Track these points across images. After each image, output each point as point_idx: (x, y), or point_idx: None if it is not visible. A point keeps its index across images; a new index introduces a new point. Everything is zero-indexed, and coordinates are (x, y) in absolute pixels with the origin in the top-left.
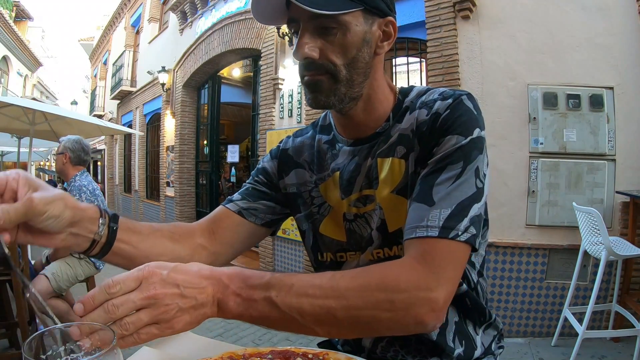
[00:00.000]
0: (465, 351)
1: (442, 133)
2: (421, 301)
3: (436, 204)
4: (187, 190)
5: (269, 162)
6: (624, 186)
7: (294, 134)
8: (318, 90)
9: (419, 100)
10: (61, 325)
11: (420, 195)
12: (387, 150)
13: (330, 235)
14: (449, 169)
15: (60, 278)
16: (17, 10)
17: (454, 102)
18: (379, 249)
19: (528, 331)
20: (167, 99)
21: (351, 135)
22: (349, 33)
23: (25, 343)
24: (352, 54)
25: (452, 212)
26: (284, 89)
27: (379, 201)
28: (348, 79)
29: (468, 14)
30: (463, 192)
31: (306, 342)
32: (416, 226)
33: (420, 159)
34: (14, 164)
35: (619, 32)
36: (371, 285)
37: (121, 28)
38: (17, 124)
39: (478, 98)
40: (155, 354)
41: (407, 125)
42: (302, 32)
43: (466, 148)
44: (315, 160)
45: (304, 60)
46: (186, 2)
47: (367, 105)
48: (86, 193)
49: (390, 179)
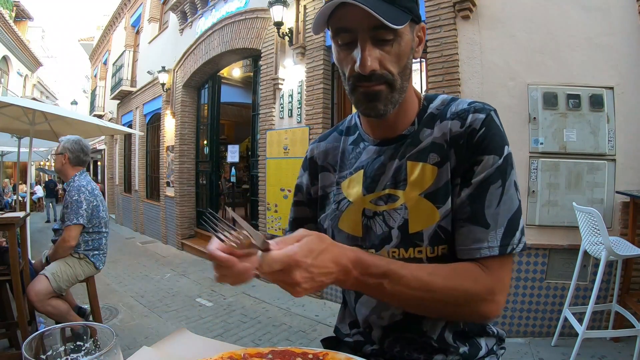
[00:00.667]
0: (470, 350)
1: (480, 151)
2: (489, 303)
3: (491, 225)
4: (187, 190)
5: (302, 176)
6: (624, 186)
7: (319, 139)
8: (377, 100)
9: (448, 109)
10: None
11: (474, 218)
12: (418, 155)
13: (347, 230)
14: (492, 189)
15: (60, 278)
16: (17, 10)
17: (487, 118)
18: (395, 248)
19: (528, 331)
20: (167, 99)
21: (378, 135)
22: (402, 42)
23: (25, 343)
24: (404, 62)
25: (506, 230)
26: (284, 89)
27: (406, 201)
28: (401, 86)
29: (468, 14)
30: (509, 209)
31: (306, 342)
32: (479, 247)
33: (458, 171)
34: (14, 164)
35: (619, 32)
36: (457, 288)
37: (121, 28)
38: (17, 124)
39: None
40: (155, 354)
41: (439, 134)
42: (363, 43)
43: (502, 167)
44: (339, 160)
45: (368, 73)
46: (186, 2)
47: (400, 109)
48: (85, 193)
49: (420, 182)
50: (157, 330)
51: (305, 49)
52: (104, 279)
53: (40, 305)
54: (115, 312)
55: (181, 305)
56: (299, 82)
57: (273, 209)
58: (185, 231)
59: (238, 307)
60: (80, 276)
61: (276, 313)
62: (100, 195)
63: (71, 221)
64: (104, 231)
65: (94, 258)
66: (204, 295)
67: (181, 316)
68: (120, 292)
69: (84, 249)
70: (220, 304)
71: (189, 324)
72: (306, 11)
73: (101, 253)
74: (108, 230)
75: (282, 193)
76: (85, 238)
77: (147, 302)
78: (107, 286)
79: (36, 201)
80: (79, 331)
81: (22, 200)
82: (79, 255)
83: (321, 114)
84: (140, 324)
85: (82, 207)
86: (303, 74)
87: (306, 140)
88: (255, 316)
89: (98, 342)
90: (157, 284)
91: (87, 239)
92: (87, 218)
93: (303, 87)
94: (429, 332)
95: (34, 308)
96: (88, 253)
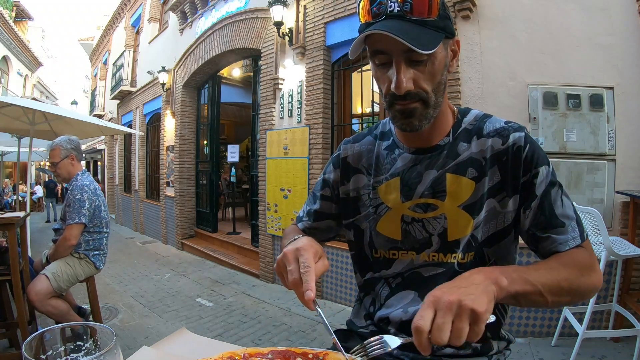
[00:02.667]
0: (482, 347)
1: (534, 165)
2: (597, 281)
3: (566, 223)
4: (187, 190)
5: (332, 172)
6: (624, 186)
7: (353, 140)
8: (412, 116)
9: (484, 126)
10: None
11: (552, 223)
12: (457, 168)
13: (386, 233)
14: (554, 194)
15: (60, 278)
16: (17, 10)
17: (527, 136)
18: (435, 252)
19: (528, 331)
20: (167, 99)
21: (412, 144)
22: (436, 61)
23: (25, 343)
24: (437, 79)
25: (577, 221)
26: (284, 89)
27: (445, 211)
28: (435, 102)
29: (468, 14)
30: (570, 204)
31: (306, 342)
32: (566, 242)
33: (505, 186)
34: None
35: (619, 32)
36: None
37: (121, 28)
38: (17, 124)
39: (478, 98)
40: (155, 354)
41: (477, 150)
42: (398, 66)
43: (553, 174)
44: (374, 164)
45: (403, 93)
46: (186, 2)
47: (434, 121)
48: (88, 192)
49: (459, 195)
50: (157, 330)
51: (305, 49)
52: (104, 279)
53: (40, 305)
54: (115, 312)
55: (181, 305)
56: (299, 82)
57: (273, 209)
58: (185, 231)
59: (238, 307)
60: (80, 276)
61: (276, 313)
62: (102, 195)
63: (73, 220)
64: (105, 231)
65: (94, 258)
66: (204, 295)
67: (181, 316)
68: (120, 292)
69: (85, 248)
70: (220, 304)
71: (189, 324)
72: (306, 11)
73: (101, 253)
74: (109, 230)
75: (282, 193)
76: (86, 238)
77: (147, 302)
78: (107, 286)
79: (36, 201)
80: (79, 331)
81: (22, 200)
82: (79, 255)
83: (321, 114)
84: (140, 324)
85: (84, 207)
86: (303, 74)
87: (306, 140)
88: (255, 316)
89: (98, 342)
90: (157, 284)
91: (87, 238)
92: (88, 217)
93: (303, 87)
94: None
95: (34, 308)
96: (88, 253)
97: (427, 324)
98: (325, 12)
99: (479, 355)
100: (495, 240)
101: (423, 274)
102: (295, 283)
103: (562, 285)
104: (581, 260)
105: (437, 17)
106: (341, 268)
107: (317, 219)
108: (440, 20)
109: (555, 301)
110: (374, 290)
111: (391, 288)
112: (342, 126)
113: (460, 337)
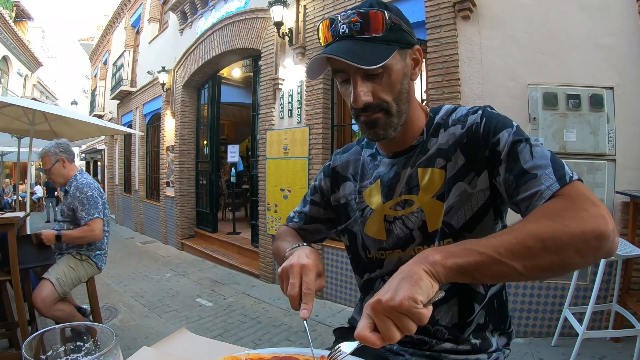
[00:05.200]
0: (481, 343)
1: (492, 135)
2: (591, 221)
3: (537, 174)
4: (187, 190)
5: (322, 180)
6: (624, 186)
7: (341, 151)
8: (376, 126)
9: (450, 117)
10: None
11: (521, 179)
12: (427, 162)
13: (372, 235)
14: (520, 150)
15: (64, 282)
16: (17, 10)
17: (484, 112)
18: (420, 246)
19: (528, 331)
20: (167, 99)
21: (390, 149)
22: (392, 73)
23: (25, 343)
24: (397, 89)
25: (554, 169)
26: (284, 89)
27: (421, 205)
28: (398, 110)
29: (468, 14)
30: (544, 155)
31: (306, 342)
32: (540, 192)
33: (473, 166)
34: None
35: (619, 32)
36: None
37: (121, 28)
38: (17, 124)
39: (478, 98)
40: (155, 354)
41: (444, 140)
42: (354, 82)
43: (518, 132)
44: (359, 171)
45: (362, 106)
46: (186, 2)
47: (405, 125)
48: (95, 190)
49: (431, 186)
50: (157, 330)
51: (305, 49)
52: (104, 279)
53: (47, 311)
54: (115, 312)
55: (181, 305)
56: (299, 82)
57: (273, 209)
58: (185, 231)
59: (238, 307)
60: (83, 278)
61: (276, 313)
62: (104, 194)
63: (93, 215)
64: (106, 230)
65: (96, 258)
66: (204, 295)
67: (181, 316)
68: (120, 292)
69: (87, 249)
70: (220, 304)
71: (189, 324)
72: (306, 11)
73: (103, 253)
74: (109, 229)
75: (282, 193)
76: None
77: (147, 302)
78: (107, 286)
79: (36, 201)
80: (79, 331)
81: (22, 200)
82: (81, 256)
83: (321, 114)
84: (140, 324)
85: (99, 203)
86: (303, 74)
87: (306, 140)
88: (255, 316)
89: (98, 342)
90: (157, 284)
91: None
92: (103, 213)
93: (303, 87)
94: (440, 321)
95: (41, 314)
96: (90, 254)
97: (364, 331)
98: (325, 12)
99: (478, 352)
100: (474, 223)
101: None
102: (293, 296)
103: (529, 244)
104: (557, 207)
105: (383, 32)
106: (341, 268)
107: (306, 221)
108: (390, 34)
109: (529, 266)
110: (373, 290)
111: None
112: (342, 126)
113: (408, 329)
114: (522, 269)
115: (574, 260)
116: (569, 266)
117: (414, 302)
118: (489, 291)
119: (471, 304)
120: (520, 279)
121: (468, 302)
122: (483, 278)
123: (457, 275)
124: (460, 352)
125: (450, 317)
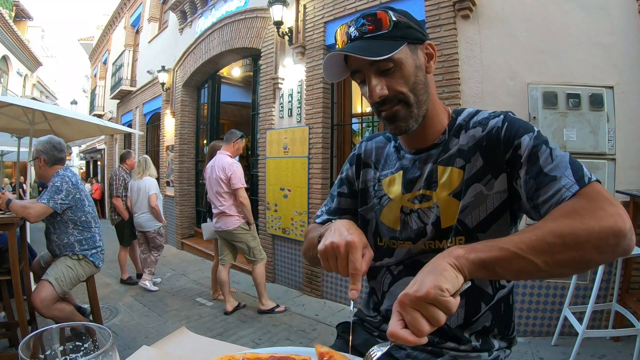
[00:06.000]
0: (481, 345)
1: (513, 139)
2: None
3: (557, 176)
4: (187, 189)
5: (348, 169)
6: (624, 186)
7: (367, 138)
8: (397, 119)
9: (472, 120)
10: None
11: (541, 182)
12: (447, 160)
13: (387, 223)
14: (541, 154)
15: (63, 282)
16: (17, 9)
17: (506, 117)
18: (431, 240)
19: (528, 330)
20: (167, 98)
21: (412, 146)
22: (403, 66)
23: (22, 343)
24: (412, 81)
25: (573, 171)
26: (284, 89)
27: (437, 201)
28: (416, 100)
29: (468, 14)
30: (564, 158)
31: (306, 341)
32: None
33: (491, 169)
34: (13, 163)
35: (619, 31)
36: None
37: (121, 27)
38: (17, 124)
39: (478, 97)
40: (155, 354)
41: (464, 141)
42: (368, 78)
43: (539, 136)
44: (382, 160)
45: (379, 99)
46: (186, 2)
47: (427, 121)
48: (68, 184)
49: (449, 184)
50: (157, 330)
51: (305, 48)
52: (104, 279)
53: (46, 312)
54: (115, 312)
55: (181, 305)
56: (299, 81)
57: (273, 208)
58: (185, 231)
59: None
60: (82, 277)
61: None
62: (85, 190)
63: (42, 199)
64: (94, 227)
65: (93, 257)
66: (204, 295)
67: (181, 316)
68: (120, 292)
69: (80, 249)
70: (220, 303)
71: (189, 324)
72: (306, 10)
73: (99, 251)
74: (99, 225)
75: (282, 192)
76: (77, 237)
77: (147, 302)
78: (107, 286)
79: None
80: (78, 331)
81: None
82: (77, 256)
83: (321, 114)
84: (140, 324)
85: (59, 195)
86: (303, 73)
87: (306, 139)
88: (255, 316)
89: (97, 342)
90: (157, 283)
91: (79, 237)
92: (61, 208)
93: (303, 87)
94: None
95: (40, 314)
96: (86, 253)
97: (395, 328)
98: (325, 12)
99: (480, 351)
100: (488, 224)
101: (422, 260)
102: (343, 273)
103: (549, 240)
104: (576, 206)
105: (389, 29)
106: None
107: (336, 214)
108: (396, 30)
109: (549, 262)
110: (375, 279)
111: (393, 275)
112: (342, 126)
113: (436, 319)
114: (542, 264)
115: (592, 256)
116: (588, 262)
117: (440, 290)
118: (497, 293)
119: (478, 303)
120: (540, 274)
121: (475, 301)
122: (505, 273)
123: (480, 270)
124: (462, 351)
125: (455, 316)
